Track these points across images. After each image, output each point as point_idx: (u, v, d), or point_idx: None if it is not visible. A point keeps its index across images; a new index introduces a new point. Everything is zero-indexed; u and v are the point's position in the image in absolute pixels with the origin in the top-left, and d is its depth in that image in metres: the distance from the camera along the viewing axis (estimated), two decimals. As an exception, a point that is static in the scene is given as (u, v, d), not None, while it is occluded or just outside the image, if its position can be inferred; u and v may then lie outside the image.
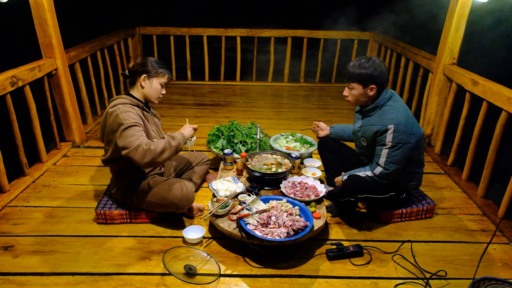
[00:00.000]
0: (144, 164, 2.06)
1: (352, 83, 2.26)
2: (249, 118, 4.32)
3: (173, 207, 2.27)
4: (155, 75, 2.28)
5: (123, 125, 2.09)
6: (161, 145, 2.08)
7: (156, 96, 2.33)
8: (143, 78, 2.26)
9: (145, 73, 2.26)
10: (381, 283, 2.00)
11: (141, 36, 5.55)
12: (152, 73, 2.27)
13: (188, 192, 2.26)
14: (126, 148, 2.05)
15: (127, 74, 2.34)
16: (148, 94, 2.31)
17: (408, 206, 2.51)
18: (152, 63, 2.29)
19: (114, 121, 2.13)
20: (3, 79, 2.58)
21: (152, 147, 2.05)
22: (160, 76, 2.30)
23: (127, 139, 2.06)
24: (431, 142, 3.68)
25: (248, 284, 1.97)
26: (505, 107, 2.53)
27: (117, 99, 2.24)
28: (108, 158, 2.27)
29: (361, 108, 2.38)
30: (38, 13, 2.98)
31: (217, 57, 5.70)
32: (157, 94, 2.32)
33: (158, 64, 2.31)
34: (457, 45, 3.35)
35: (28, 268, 2.03)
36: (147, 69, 2.26)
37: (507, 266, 2.15)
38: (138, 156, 2.03)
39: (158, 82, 2.30)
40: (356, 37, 5.70)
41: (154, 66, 2.28)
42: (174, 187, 2.26)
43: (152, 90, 2.30)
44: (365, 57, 2.24)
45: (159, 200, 2.26)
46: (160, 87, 2.32)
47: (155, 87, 2.29)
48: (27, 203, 2.63)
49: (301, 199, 2.38)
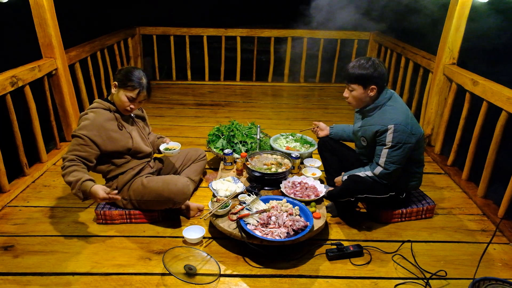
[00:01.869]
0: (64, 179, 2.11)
1: (352, 84, 2.25)
2: (249, 118, 4.31)
3: (170, 202, 2.27)
4: (123, 86, 2.22)
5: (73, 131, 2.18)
6: (67, 179, 2.07)
7: (121, 107, 2.26)
8: (114, 85, 2.27)
9: (116, 80, 2.26)
10: (381, 283, 2.00)
11: (141, 36, 5.55)
12: (120, 83, 2.23)
13: (184, 186, 2.27)
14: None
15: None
16: (115, 102, 2.28)
17: (408, 206, 2.51)
18: (128, 74, 2.21)
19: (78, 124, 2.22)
20: (3, 79, 2.59)
21: (64, 170, 2.10)
22: (128, 90, 2.21)
23: (68, 147, 2.17)
24: (431, 142, 3.68)
25: (248, 284, 1.97)
26: (505, 107, 2.53)
27: (93, 103, 2.29)
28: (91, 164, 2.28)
29: (361, 108, 2.38)
30: (38, 13, 2.98)
31: (217, 57, 5.70)
32: (122, 105, 2.25)
33: (134, 77, 2.20)
34: (457, 45, 3.35)
35: (28, 268, 2.03)
36: (119, 78, 2.24)
37: (507, 266, 2.15)
38: (62, 170, 2.11)
39: (124, 94, 2.21)
40: (356, 37, 5.70)
41: (128, 77, 2.20)
42: (169, 182, 2.27)
43: (117, 100, 2.26)
44: (365, 58, 2.24)
45: (155, 198, 2.27)
46: (126, 99, 2.22)
47: (120, 98, 2.23)
48: (27, 203, 2.64)
49: (301, 199, 2.38)
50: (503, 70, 4.75)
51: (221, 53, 5.66)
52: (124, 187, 2.35)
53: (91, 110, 2.24)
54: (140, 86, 2.22)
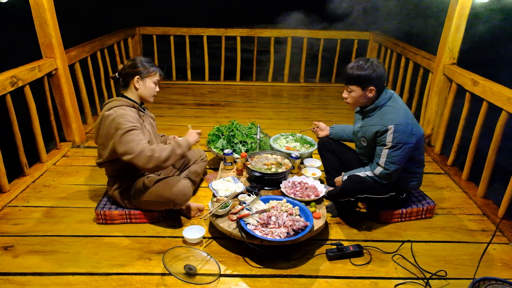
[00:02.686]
0: (148, 169, 2.12)
1: (351, 86, 2.25)
2: (249, 118, 4.32)
3: (171, 203, 2.27)
4: (147, 75, 2.29)
5: (121, 130, 2.10)
6: (166, 153, 2.12)
7: (151, 95, 2.36)
8: (136, 80, 2.27)
9: (137, 74, 2.26)
10: (381, 283, 2.00)
11: (141, 36, 5.55)
12: (144, 73, 2.28)
13: (185, 187, 2.27)
14: (128, 154, 2.08)
15: (118, 77, 2.35)
16: (143, 94, 2.32)
17: (408, 206, 2.51)
18: (143, 63, 2.29)
19: (110, 125, 2.14)
20: (3, 79, 2.58)
21: (156, 154, 2.09)
22: (152, 75, 2.31)
23: (128, 145, 2.08)
24: (431, 142, 3.68)
25: (248, 284, 1.97)
26: (505, 107, 2.53)
27: (112, 102, 2.25)
28: (103, 161, 2.29)
29: (361, 109, 2.38)
30: (38, 13, 2.98)
31: (217, 57, 5.70)
32: (152, 92, 2.34)
33: (148, 63, 2.31)
34: (457, 45, 3.35)
35: (28, 268, 2.03)
36: (139, 70, 2.26)
37: (507, 266, 2.15)
38: (141, 162, 2.08)
39: (151, 81, 2.31)
40: (356, 37, 5.70)
41: (145, 66, 2.28)
42: (170, 183, 2.27)
43: (147, 90, 2.31)
44: (363, 59, 2.23)
45: (156, 198, 2.27)
46: (154, 85, 2.33)
47: (149, 86, 2.31)
48: (27, 203, 2.63)
49: (301, 199, 2.38)
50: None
51: (221, 53, 5.66)
52: (129, 186, 2.35)
53: (119, 108, 2.20)
54: (157, 68, 2.34)
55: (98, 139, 2.27)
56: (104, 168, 2.39)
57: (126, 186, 2.34)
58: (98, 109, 4.35)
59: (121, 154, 2.10)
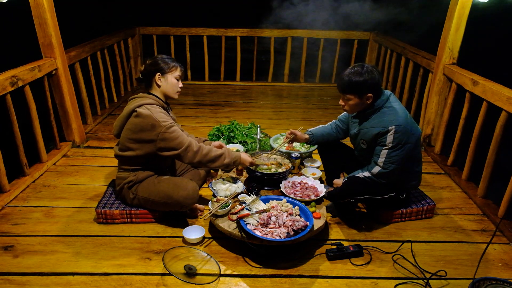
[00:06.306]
0: (193, 163, 2.25)
1: (348, 95, 2.24)
2: (249, 118, 4.32)
3: (178, 205, 2.26)
4: (168, 71, 2.29)
5: (162, 127, 2.15)
6: (214, 154, 2.23)
7: (175, 91, 2.37)
8: (158, 77, 2.28)
9: (159, 71, 2.27)
10: (381, 283, 2.00)
11: (141, 36, 5.55)
12: (165, 69, 2.28)
13: (194, 191, 2.27)
14: (175, 149, 2.17)
15: (141, 78, 2.35)
16: (166, 91, 2.33)
17: (408, 206, 2.51)
18: (163, 59, 2.30)
19: (144, 121, 2.16)
20: (3, 79, 2.58)
21: (204, 151, 2.20)
22: (173, 70, 2.31)
23: (174, 141, 2.17)
24: (431, 142, 3.68)
25: (248, 284, 1.97)
26: (505, 107, 2.53)
27: (143, 99, 2.25)
28: (130, 155, 2.27)
29: (359, 113, 2.36)
30: (38, 13, 2.98)
31: (217, 57, 5.70)
32: (175, 88, 2.35)
33: (169, 59, 2.32)
34: (457, 45, 3.35)
35: (28, 268, 2.03)
36: (159, 67, 2.27)
37: (507, 266, 2.15)
38: (187, 157, 2.20)
39: (173, 77, 2.32)
40: (356, 37, 5.70)
41: (166, 61, 2.29)
42: (180, 186, 2.26)
43: (170, 86, 2.33)
44: (358, 65, 2.20)
45: (163, 199, 2.26)
46: (176, 81, 2.34)
47: (171, 82, 2.32)
48: (27, 203, 2.64)
49: (301, 199, 2.38)
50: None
51: (221, 53, 5.66)
52: (139, 182, 2.33)
53: (150, 106, 2.21)
54: (177, 63, 2.34)
55: (124, 132, 2.27)
56: (122, 162, 2.37)
57: (137, 181, 2.32)
58: (98, 109, 4.35)
59: (166, 149, 2.18)
